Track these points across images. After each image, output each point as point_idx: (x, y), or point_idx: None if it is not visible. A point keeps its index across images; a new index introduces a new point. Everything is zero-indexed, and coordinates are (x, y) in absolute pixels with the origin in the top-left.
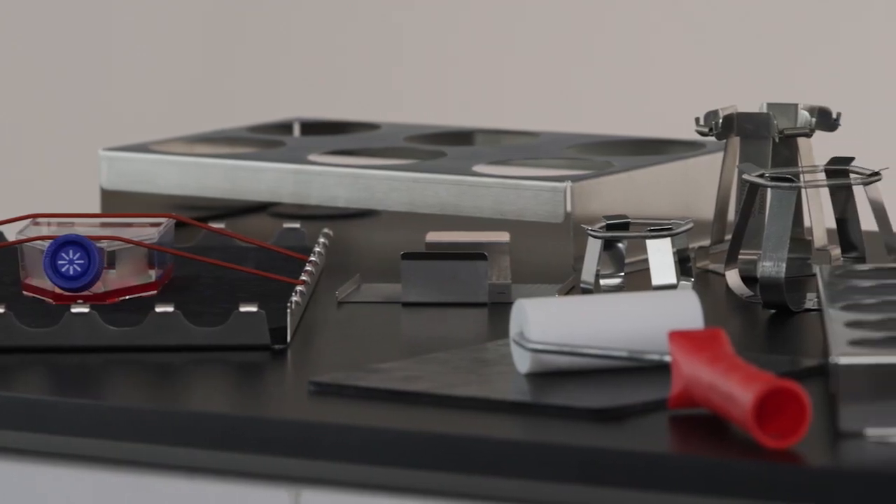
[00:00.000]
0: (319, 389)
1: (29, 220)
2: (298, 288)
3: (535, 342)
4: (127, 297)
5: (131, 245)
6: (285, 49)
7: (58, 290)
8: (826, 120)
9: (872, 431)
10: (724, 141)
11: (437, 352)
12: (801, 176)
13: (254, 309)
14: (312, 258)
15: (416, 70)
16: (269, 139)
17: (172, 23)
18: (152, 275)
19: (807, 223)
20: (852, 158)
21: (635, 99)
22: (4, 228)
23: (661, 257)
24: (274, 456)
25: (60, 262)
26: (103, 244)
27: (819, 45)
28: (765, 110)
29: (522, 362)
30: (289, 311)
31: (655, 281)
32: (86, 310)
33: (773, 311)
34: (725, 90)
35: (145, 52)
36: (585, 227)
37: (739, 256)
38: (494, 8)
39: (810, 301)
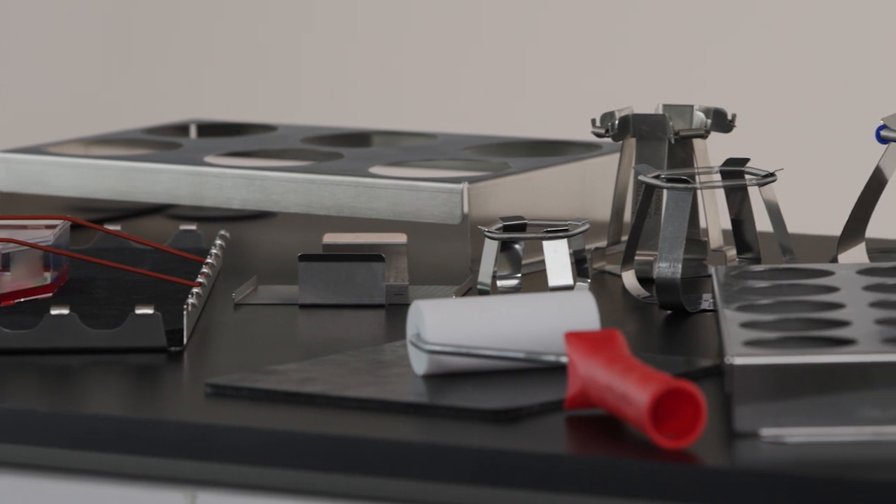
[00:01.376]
0: (216, 391)
1: None
2: (195, 290)
3: (432, 343)
4: (22, 300)
5: (26, 247)
6: (182, 51)
7: None
8: (721, 121)
9: (767, 431)
10: (621, 142)
11: (333, 353)
12: (697, 177)
13: (150, 311)
14: (209, 260)
15: (312, 72)
16: (166, 141)
17: (69, 24)
18: (47, 277)
19: (702, 224)
20: (747, 160)
21: (532, 100)
22: None
23: (557, 258)
24: (170, 458)
25: None
26: None
27: (714, 46)
28: (660, 112)
29: (419, 364)
30: (185, 313)
31: (552, 282)
32: None
33: (669, 311)
34: (622, 91)
35: (41, 54)
36: (482, 228)
37: (636, 257)
38: (390, 10)
39: (706, 302)
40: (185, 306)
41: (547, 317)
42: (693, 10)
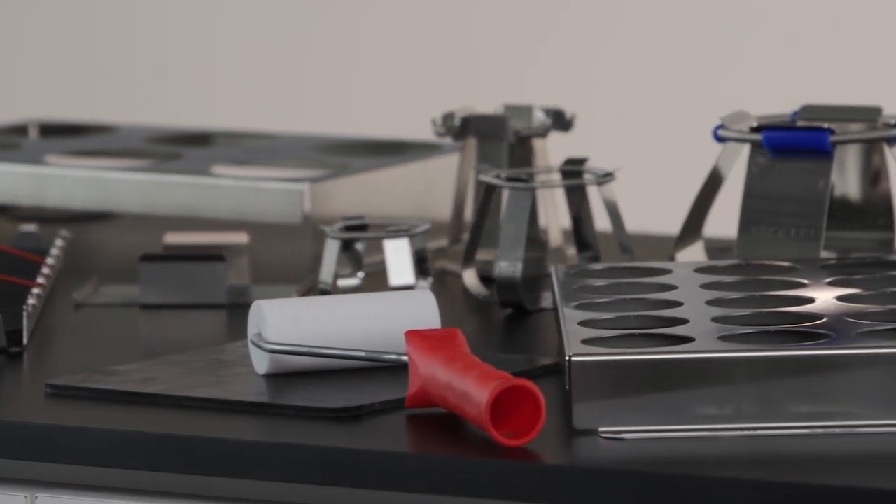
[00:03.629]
0: (56, 392)
1: None
2: (34, 290)
3: (273, 343)
4: None
5: None
6: (21, 50)
7: None
8: (561, 121)
9: (605, 428)
10: (461, 142)
11: (175, 353)
12: (537, 176)
13: None
14: (49, 260)
15: (154, 71)
16: (6, 141)
17: None
18: None
19: (542, 223)
20: (586, 159)
21: (373, 100)
22: None
23: (398, 258)
24: (10, 459)
25: None
26: None
27: (554, 46)
28: (501, 112)
29: (261, 363)
30: (25, 313)
31: (393, 281)
32: None
33: (509, 310)
34: (462, 91)
35: None
36: (324, 227)
37: (476, 256)
38: (233, 9)
39: (546, 300)
40: (24, 307)
41: (388, 316)
42: (530, 8)
